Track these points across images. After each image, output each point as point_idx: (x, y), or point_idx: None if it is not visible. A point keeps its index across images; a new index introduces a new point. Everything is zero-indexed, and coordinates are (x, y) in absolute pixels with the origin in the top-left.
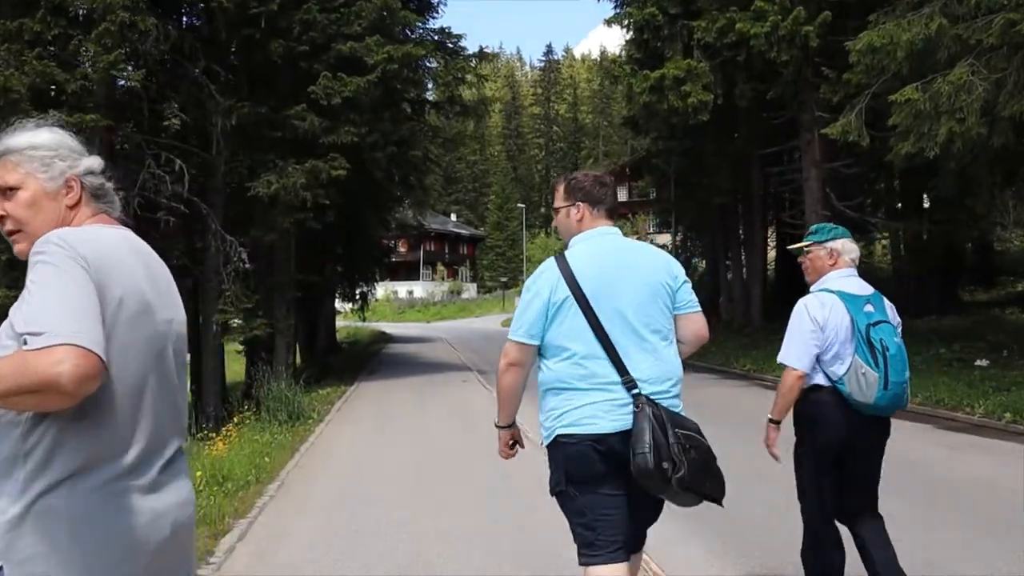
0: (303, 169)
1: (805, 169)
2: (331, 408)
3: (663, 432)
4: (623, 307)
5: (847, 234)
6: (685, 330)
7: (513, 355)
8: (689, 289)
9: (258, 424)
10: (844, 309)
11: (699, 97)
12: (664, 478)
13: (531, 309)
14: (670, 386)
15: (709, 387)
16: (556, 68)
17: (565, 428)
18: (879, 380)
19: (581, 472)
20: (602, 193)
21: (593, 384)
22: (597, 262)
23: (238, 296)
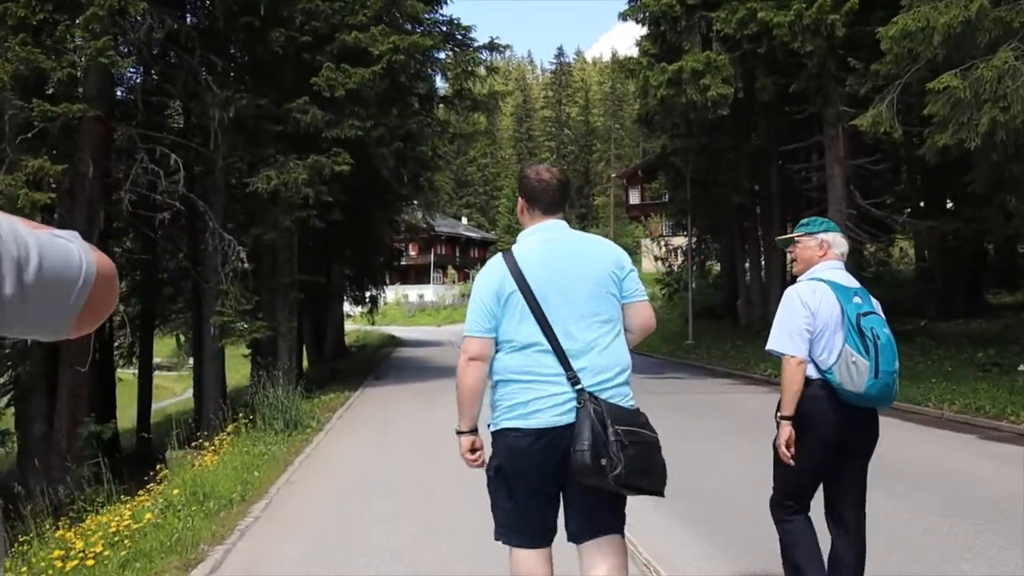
0: (305, 164)
1: (829, 166)
2: (332, 416)
3: (603, 429)
4: (568, 299)
5: (837, 229)
6: (632, 320)
7: (473, 350)
8: (635, 279)
9: (253, 433)
10: (835, 298)
11: (719, 91)
12: (602, 474)
13: (483, 304)
14: (615, 375)
15: (731, 393)
16: (567, 71)
17: (510, 421)
18: (870, 368)
19: (520, 463)
20: (540, 188)
21: (538, 377)
22: (542, 256)
23: (237, 297)
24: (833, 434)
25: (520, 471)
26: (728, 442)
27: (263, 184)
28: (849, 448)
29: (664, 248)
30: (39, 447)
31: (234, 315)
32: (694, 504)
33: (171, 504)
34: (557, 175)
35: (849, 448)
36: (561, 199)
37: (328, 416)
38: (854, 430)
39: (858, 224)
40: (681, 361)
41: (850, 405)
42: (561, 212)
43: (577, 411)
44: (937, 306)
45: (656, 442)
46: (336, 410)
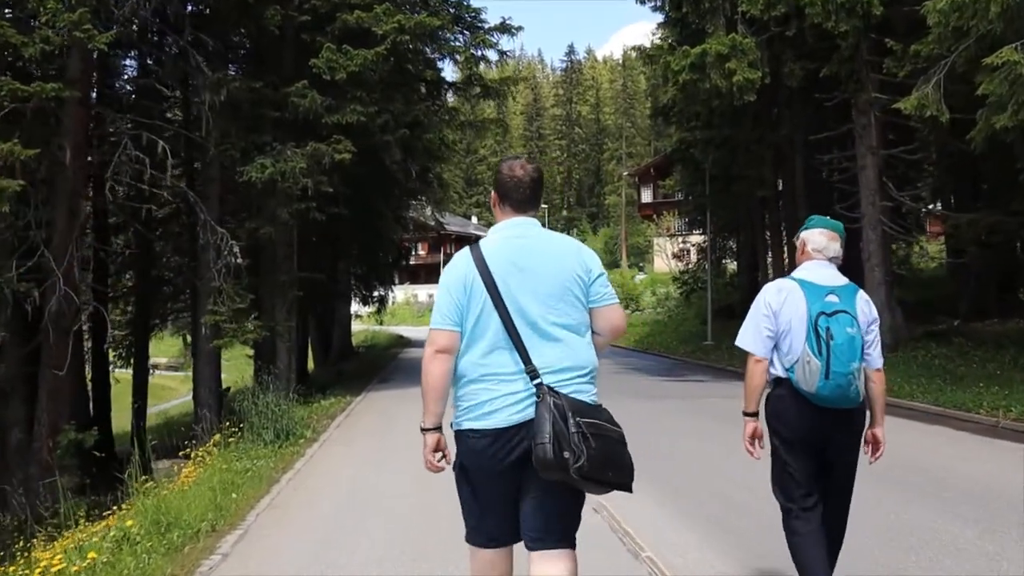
0: (303, 152)
1: (860, 156)
2: (331, 424)
3: (563, 421)
4: (531, 297)
5: (823, 225)
6: (601, 323)
7: (440, 342)
8: (604, 281)
9: (240, 445)
10: (802, 296)
11: (745, 75)
12: (564, 468)
13: (450, 296)
14: (577, 374)
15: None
16: (578, 68)
17: (470, 422)
18: (821, 368)
19: (480, 464)
20: (512, 184)
21: (499, 376)
22: (507, 252)
23: (230, 295)
24: (806, 433)
25: (481, 470)
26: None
27: (257, 173)
28: (827, 449)
29: (680, 244)
30: (16, 457)
31: (227, 314)
32: (724, 515)
33: (127, 536)
34: (531, 172)
35: (827, 449)
36: (533, 196)
37: (326, 424)
38: (830, 431)
39: (892, 218)
40: (700, 363)
41: (823, 407)
42: (534, 209)
43: (536, 405)
44: (970, 305)
45: (620, 437)
46: (336, 417)
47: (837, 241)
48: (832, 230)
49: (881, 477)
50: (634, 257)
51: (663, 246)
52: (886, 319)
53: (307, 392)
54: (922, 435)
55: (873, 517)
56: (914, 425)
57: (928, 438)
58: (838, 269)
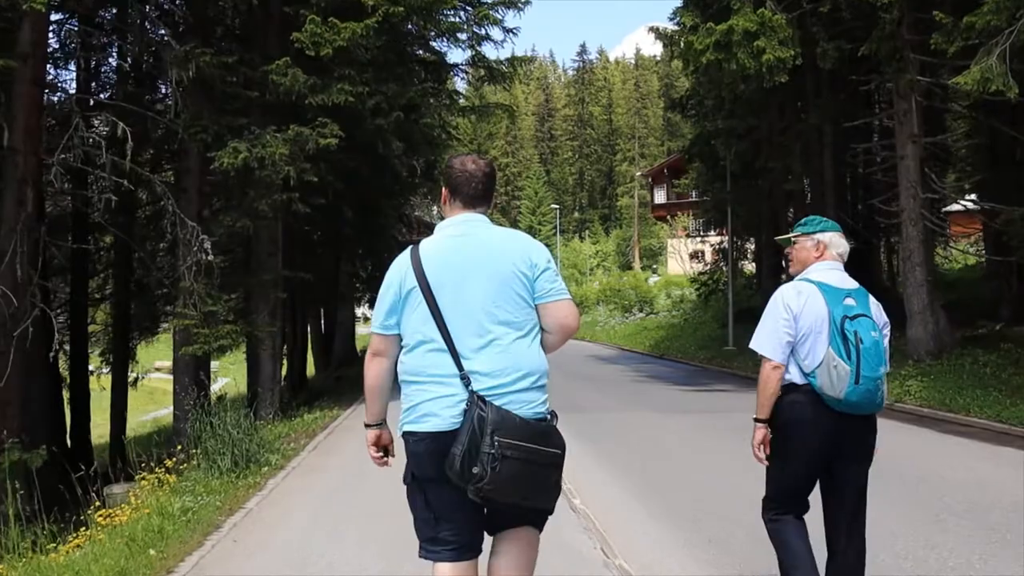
0: (284, 137)
1: (900, 146)
2: (307, 444)
3: (480, 436)
4: (467, 297)
5: (838, 228)
6: (548, 320)
7: (375, 345)
8: (552, 276)
9: (193, 474)
10: (822, 300)
11: (776, 54)
12: (470, 482)
13: (385, 299)
14: (514, 379)
15: None
16: (590, 69)
17: (409, 424)
18: (851, 374)
19: (422, 469)
20: (462, 179)
21: (435, 379)
22: (446, 251)
23: (201, 296)
24: (819, 441)
25: (429, 477)
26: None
27: (229, 159)
28: (843, 456)
29: (700, 243)
30: None
31: (198, 318)
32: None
33: None
34: (483, 167)
35: (843, 456)
36: (485, 192)
37: (303, 444)
38: (846, 437)
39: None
40: (723, 370)
41: (838, 411)
42: (484, 206)
43: (464, 414)
44: (1010, 308)
45: (552, 460)
46: (316, 435)
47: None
48: (838, 231)
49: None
50: (647, 259)
51: (677, 247)
52: (928, 323)
53: (292, 404)
54: (998, 460)
55: None
56: (984, 448)
57: (1011, 466)
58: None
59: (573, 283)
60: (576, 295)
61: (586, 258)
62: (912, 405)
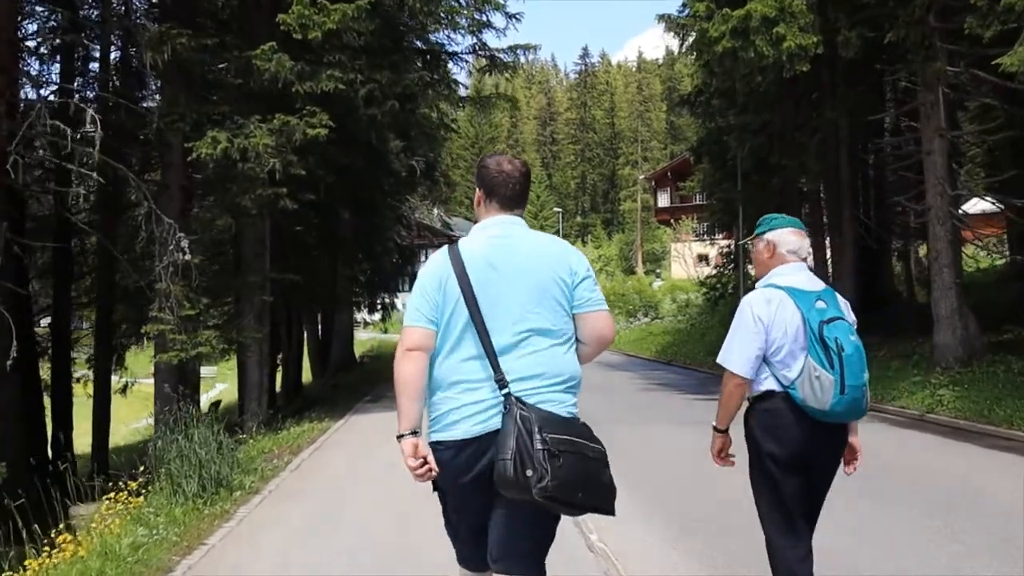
0: (270, 128)
1: (926, 140)
2: (290, 462)
3: (528, 436)
4: (506, 300)
5: (792, 223)
6: (585, 331)
7: (413, 339)
8: (591, 285)
9: (156, 499)
10: (794, 306)
11: (796, 41)
12: (525, 487)
13: (425, 294)
14: (551, 383)
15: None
16: (593, 72)
17: (435, 433)
18: (835, 383)
19: (448, 479)
20: (499, 180)
21: (464, 384)
22: (486, 252)
23: (179, 299)
24: (797, 452)
25: (454, 487)
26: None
27: (207, 149)
28: (815, 465)
29: (709, 246)
30: None
31: (174, 322)
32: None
33: None
34: (520, 167)
35: (815, 465)
36: (522, 193)
37: (285, 462)
38: (823, 447)
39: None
40: None
41: (818, 420)
42: (521, 208)
43: (502, 417)
44: None
45: (600, 456)
46: (301, 451)
47: (807, 240)
48: (800, 228)
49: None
50: (650, 263)
51: (681, 251)
52: (957, 329)
53: (279, 415)
54: None
55: None
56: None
57: None
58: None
59: None
60: None
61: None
62: (946, 416)
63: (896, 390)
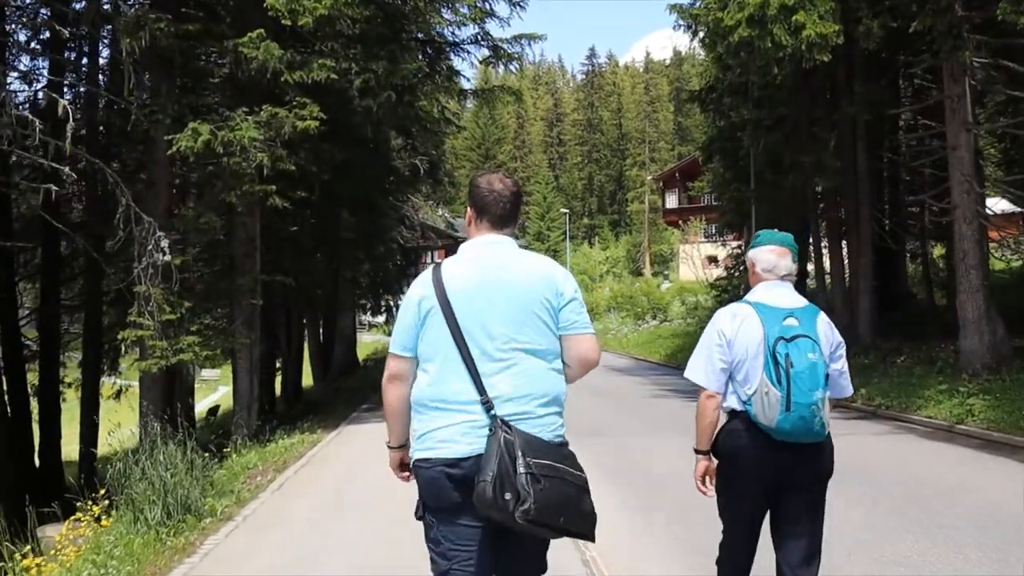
0: (257, 120)
1: (952, 134)
2: (274, 480)
3: (511, 460)
4: (490, 322)
5: (772, 241)
6: (570, 353)
7: (393, 368)
8: (577, 308)
9: (118, 527)
10: (758, 322)
11: (816, 29)
12: (503, 509)
13: (404, 319)
14: (536, 404)
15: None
16: (600, 73)
17: (422, 452)
18: (781, 400)
19: (435, 499)
20: (490, 199)
21: (452, 404)
22: (470, 273)
23: (159, 303)
24: (761, 472)
25: (441, 507)
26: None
27: (188, 142)
28: (789, 486)
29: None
30: None
31: (154, 328)
32: None
33: None
34: (511, 186)
35: (789, 486)
36: (512, 212)
37: (267, 480)
38: (790, 467)
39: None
40: None
41: (778, 440)
42: (511, 227)
43: (488, 439)
44: None
45: (582, 483)
46: (287, 467)
47: (787, 257)
48: (781, 245)
49: None
50: (658, 265)
51: (689, 253)
52: (985, 334)
53: (270, 425)
54: None
55: None
56: None
57: None
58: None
59: (583, 289)
60: (587, 302)
61: (596, 264)
62: (977, 427)
63: (921, 399)
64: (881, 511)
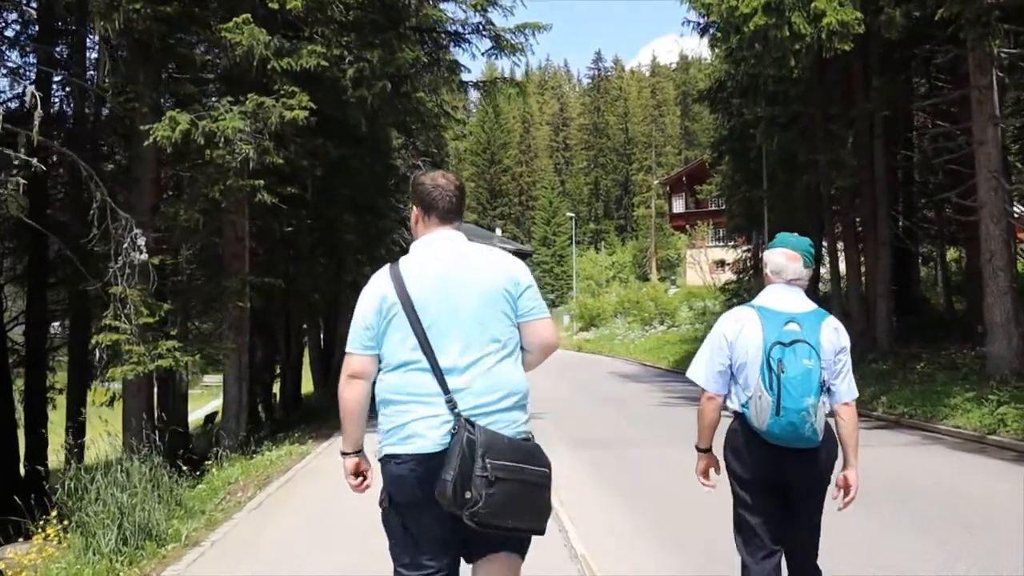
0: (241, 109)
1: (978, 129)
2: (254, 497)
3: (471, 460)
4: (451, 316)
5: (784, 244)
6: (529, 339)
7: (352, 367)
8: (534, 295)
9: (68, 556)
10: (758, 326)
11: (837, 17)
12: (461, 507)
13: (364, 318)
14: (499, 399)
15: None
16: (606, 77)
17: (391, 446)
18: (771, 404)
19: (402, 494)
20: (437, 194)
21: (416, 398)
22: (428, 269)
23: (135, 306)
24: (761, 473)
25: (409, 502)
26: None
27: (164, 131)
28: (791, 488)
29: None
30: None
31: (131, 331)
32: None
33: None
34: (454, 180)
35: (791, 488)
36: (459, 206)
37: (246, 497)
38: (788, 472)
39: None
40: None
41: (772, 443)
42: (459, 221)
43: (451, 436)
44: None
45: (541, 480)
46: (271, 482)
47: (798, 261)
48: (794, 249)
49: None
50: (664, 271)
51: (697, 258)
52: (1013, 338)
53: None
54: None
55: None
56: None
57: None
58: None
59: (589, 295)
60: (593, 307)
61: (602, 270)
62: (1012, 439)
63: (947, 407)
64: (917, 532)
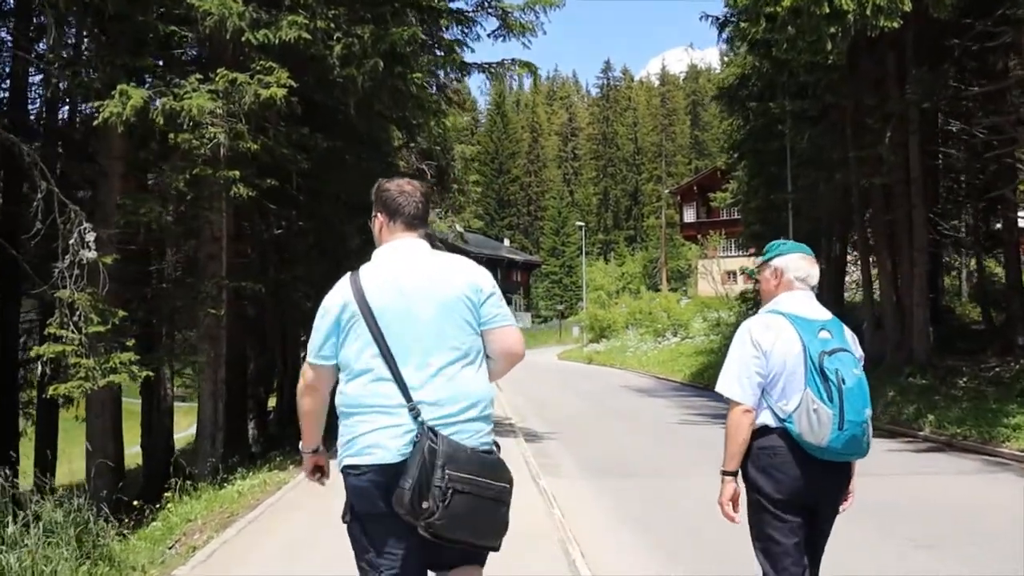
0: (210, 88)
1: None
2: (207, 544)
3: (430, 470)
4: (413, 324)
5: (800, 249)
6: (493, 346)
7: (309, 377)
8: (497, 302)
9: None
10: (795, 334)
11: None
12: (420, 517)
13: (322, 327)
14: (462, 408)
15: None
16: (615, 87)
17: (351, 457)
18: (833, 418)
19: (364, 505)
20: (402, 200)
21: (379, 409)
22: (389, 277)
23: (85, 312)
24: (798, 492)
25: (370, 512)
26: None
27: (115, 109)
28: (820, 505)
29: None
30: None
31: (80, 342)
32: None
33: None
34: (419, 187)
35: (820, 505)
36: (424, 213)
37: (199, 543)
38: (826, 487)
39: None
40: None
41: (819, 459)
42: (423, 228)
43: (413, 446)
44: None
45: (499, 495)
46: (234, 521)
47: (816, 267)
48: (809, 254)
49: None
50: (675, 281)
51: (708, 268)
52: None
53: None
54: None
55: None
56: None
57: None
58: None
59: (599, 306)
60: (603, 319)
61: (612, 280)
62: None
63: (1007, 428)
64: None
